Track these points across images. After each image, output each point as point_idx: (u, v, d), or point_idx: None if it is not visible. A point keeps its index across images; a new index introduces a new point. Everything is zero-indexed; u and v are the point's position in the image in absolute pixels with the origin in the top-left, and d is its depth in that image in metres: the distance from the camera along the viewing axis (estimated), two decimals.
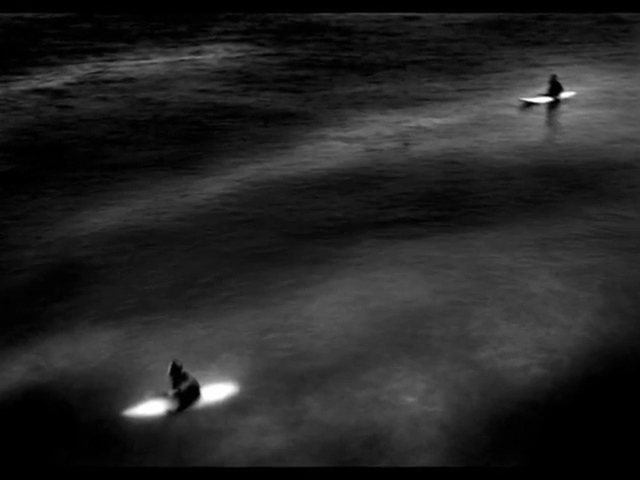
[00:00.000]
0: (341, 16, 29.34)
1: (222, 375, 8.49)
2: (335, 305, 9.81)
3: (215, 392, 8.22)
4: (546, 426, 7.60)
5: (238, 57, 23.48)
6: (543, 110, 17.93)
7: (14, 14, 30.62)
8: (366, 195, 13.35)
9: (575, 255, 10.97)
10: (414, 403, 7.94)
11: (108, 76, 21.62)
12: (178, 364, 8.07)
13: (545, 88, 18.79)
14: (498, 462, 7.17)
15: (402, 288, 10.18)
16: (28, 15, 30.52)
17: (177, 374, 8.05)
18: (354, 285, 10.30)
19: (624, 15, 28.07)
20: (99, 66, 22.63)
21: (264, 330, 9.33)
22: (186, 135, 16.79)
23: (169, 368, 8.06)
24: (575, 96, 18.64)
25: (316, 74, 21.42)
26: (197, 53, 24.16)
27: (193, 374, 8.32)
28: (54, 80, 21.20)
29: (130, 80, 21.19)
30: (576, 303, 9.72)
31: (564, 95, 18.47)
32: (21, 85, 20.80)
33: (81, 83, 20.95)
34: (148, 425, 7.76)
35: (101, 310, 9.89)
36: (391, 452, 7.30)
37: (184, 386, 8.03)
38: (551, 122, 17.21)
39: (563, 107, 18.05)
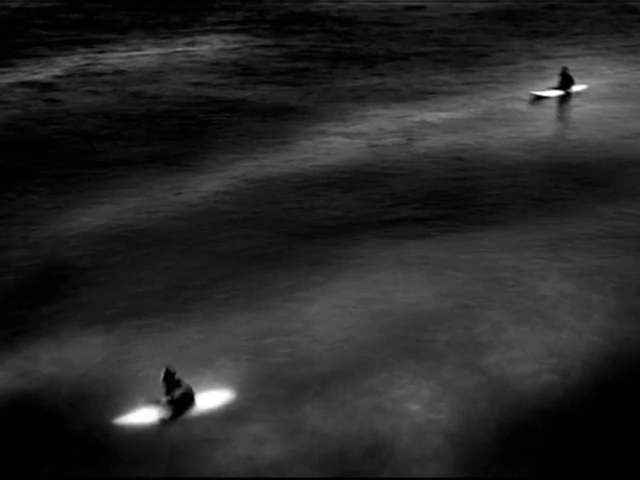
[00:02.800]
0: (342, 5, 29.31)
1: (218, 381, 8.38)
2: (336, 308, 9.73)
3: (210, 399, 8.10)
4: (556, 435, 7.49)
5: (234, 48, 23.41)
6: (554, 104, 17.87)
7: None
8: (368, 193, 13.27)
9: (587, 256, 10.89)
10: (419, 411, 7.84)
11: (98, 68, 21.60)
12: (172, 370, 7.96)
13: (556, 81, 18.64)
14: (506, 472, 7.07)
15: (406, 290, 10.09)
16: (14, 4, 30.47)
17: (170, 380, 7.94)
18: (356, 287, 10.21)
19: (638, 4, 27.83)
20: (89, 58, 22.62)
21: (262, 334, 9.23)
22: (180, 130, 16.74)
23: (162, 374, 7.95)
24: (587, 89, 18.55)
25: (316, 66, 21.41)
26: (191, 44, 24.08)
27: (187, 380, 8.19)
28: (42, 73, 21.19)
29: (121, 73, 21.15)
30: (588, 306, 9.63)
31: (575, 88, 18.36)
32: (7, 78, 20.83)
33: (70, 76, 20.92)
34: (140, 434, 7.65)
35: (91, 313, 9.80)
36: (394, 462, 7.20)
37: (178, 393, 7.93)
38: (562, 117, 17.18)
39: (574, 101, 17.99)
